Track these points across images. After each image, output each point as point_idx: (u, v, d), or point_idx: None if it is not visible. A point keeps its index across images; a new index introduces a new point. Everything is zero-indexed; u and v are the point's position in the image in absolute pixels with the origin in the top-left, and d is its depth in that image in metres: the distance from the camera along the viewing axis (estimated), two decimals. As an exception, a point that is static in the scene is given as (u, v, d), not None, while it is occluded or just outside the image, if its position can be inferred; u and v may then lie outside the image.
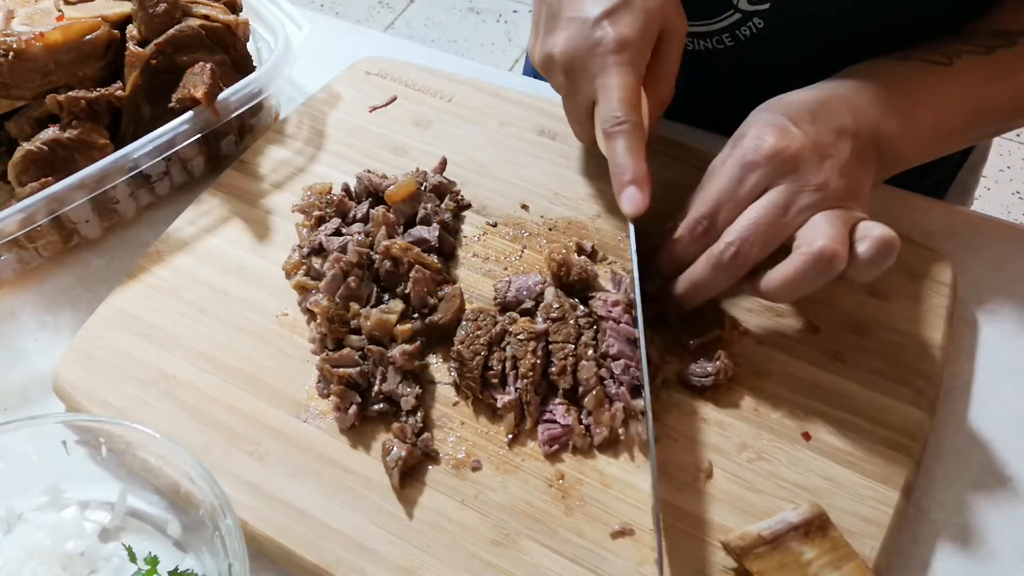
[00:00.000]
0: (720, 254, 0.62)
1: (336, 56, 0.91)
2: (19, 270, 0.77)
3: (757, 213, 0.62)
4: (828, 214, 0.61)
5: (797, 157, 0.62)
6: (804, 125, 0.64)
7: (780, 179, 0.62)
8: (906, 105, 0.68)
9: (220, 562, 0.55)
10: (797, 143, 0.63)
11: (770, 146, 0.63)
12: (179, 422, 0.64)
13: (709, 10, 0.81)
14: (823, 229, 0.59)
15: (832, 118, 0.65)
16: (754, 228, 0.61)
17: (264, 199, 0.79)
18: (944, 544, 0.60)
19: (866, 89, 0.68)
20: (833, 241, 0.58)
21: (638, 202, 0.64)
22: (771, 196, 0.62)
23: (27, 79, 0.76)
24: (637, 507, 0.60)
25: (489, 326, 0.66)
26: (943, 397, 0.66)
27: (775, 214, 0.61)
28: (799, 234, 0.61)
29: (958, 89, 0.70)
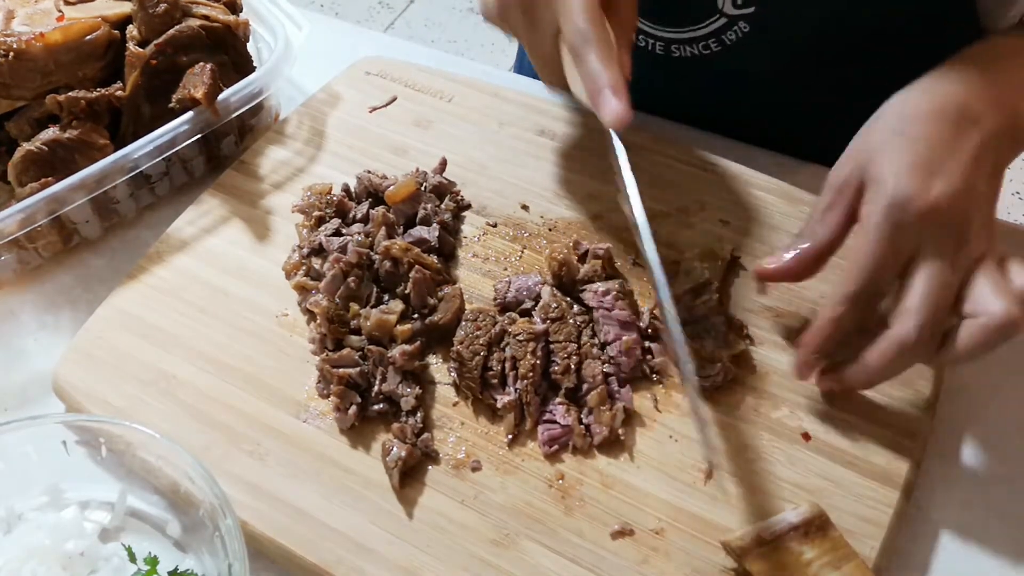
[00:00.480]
0: (904, 340, 0.57)
1: (336, 56, 0.91)
2: (19, 270, 0.77)
3: (930, 285, 0.56)
4: (987, 270, 0.57)
5: (950, 213, 0.57)
6: (947, 161, 0.58)
7: (935, 237, 0.57)
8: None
9: (220, 562, 0.55)
10: (947, 197, 0.57)
11: (920, 204, 0.56)
12: (179, 422, 0.64)
13: (694, 16, 0.81)
14: (996, 293, 0.56)
15: (972, 131, 0.59)
16: (934, 304, 0.56)
17: (264, 199, 0.79)
18: (944, 544, 0.60)
19: (1001, 75, 0.62)
20: (1013, 304, 0.55)
21: (617, 110, 0.59)
22: (933, 261, 0.57)
23: (27, 79, 0.76)
24: (637, 507, 0.60)
25: (488, 326, 0.66)
26: (943, 397, 0.66)
27: (945, 280, 0.57)
28: (970, 297, 0.57)
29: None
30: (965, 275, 0.57)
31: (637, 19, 0.68)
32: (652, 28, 0.84)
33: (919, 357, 0.58)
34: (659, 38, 0.84)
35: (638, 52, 0.86)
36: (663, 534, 0.58)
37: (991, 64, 0.63)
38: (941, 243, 0.57)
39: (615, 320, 0.66)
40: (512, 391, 0.64)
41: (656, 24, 0.84)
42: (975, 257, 0.57)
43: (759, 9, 0.78)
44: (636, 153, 0.80)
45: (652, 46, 0.86)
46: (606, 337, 0.66)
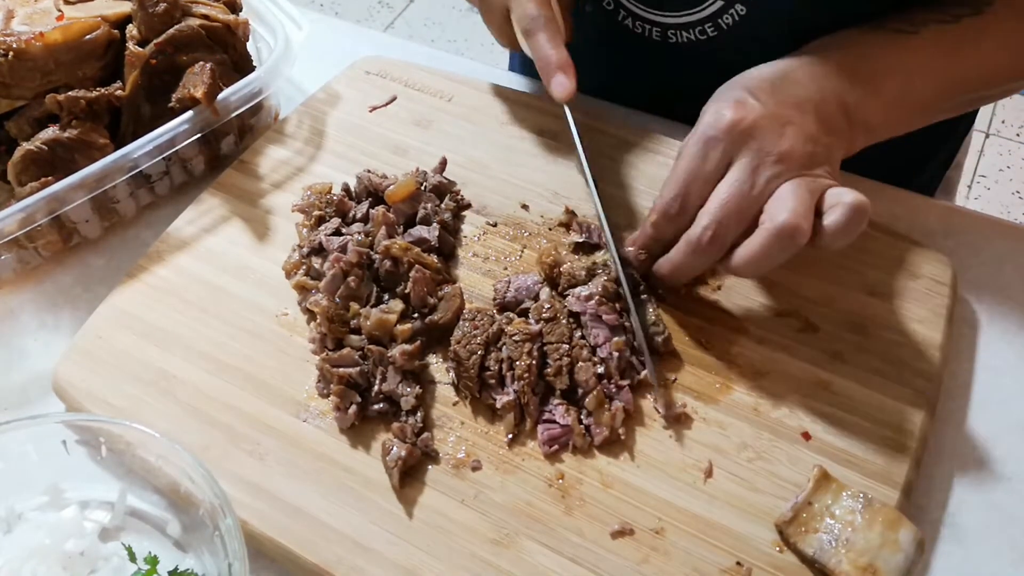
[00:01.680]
0: (698, 238, 0.62)
1: (336, 56, 0.91)
2: (19, 270, 0.77)
3: (726, 192, 0.62)
4: (793, 184, 0.61)
5: (755, 127, 0.63)
6: (763, 96, 0.65)
7: (742, 151, 0.63)
8: (871, 73, 0.69)
9: (220, 562, 0.55)
10: (754, 114, 0.63)
11: (728, 119, 0.63)
12: (179, 422, 0.64)
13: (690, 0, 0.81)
14: (786, 202, 0.60)
15: (793, 88, 0.66)
16: (726, 208, 0.62)
17: (264, 199, 0.79)
18: (944, 544, 0.60)
19: (830, 59, 0.68)
20: (795, 215, 0.59)
21: (567, 85, 0.71)
22: (735, 171, 0.63)
23: (27, 79, 0.76)
24: (637, 507, 0.60)
25: (486, 326, 0.66)
26: (943, 397, 0.66)
27: (743, 189, 0.62)
28: (765, 207, 0.61)
29: (924, 58, 0.71)
30: (771, 190, 0.61)
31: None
32: (649, 13, 0.84)
33: (708, 257, 0.63)
34: (656, 23, 0.84)
35: (634, 40, 0.87)
36: (663, 534, 0.58)
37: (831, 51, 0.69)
38: (746, 157, 0.62)
39: (604, 324, 0.66)
40: (510, 391, 0.64)
41: (652, 9, 0.84)
42: (785, 177, 0.61)
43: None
44: (636, 154, 0.80)
45: (649, 32, 0.85)
46: (595, 340, 0.66)
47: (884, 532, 0.56)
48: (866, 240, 0.72)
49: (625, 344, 0.65)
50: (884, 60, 0.70)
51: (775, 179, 0.62)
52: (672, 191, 0.65)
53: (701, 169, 0.64)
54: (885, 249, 0.72)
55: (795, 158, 0.62)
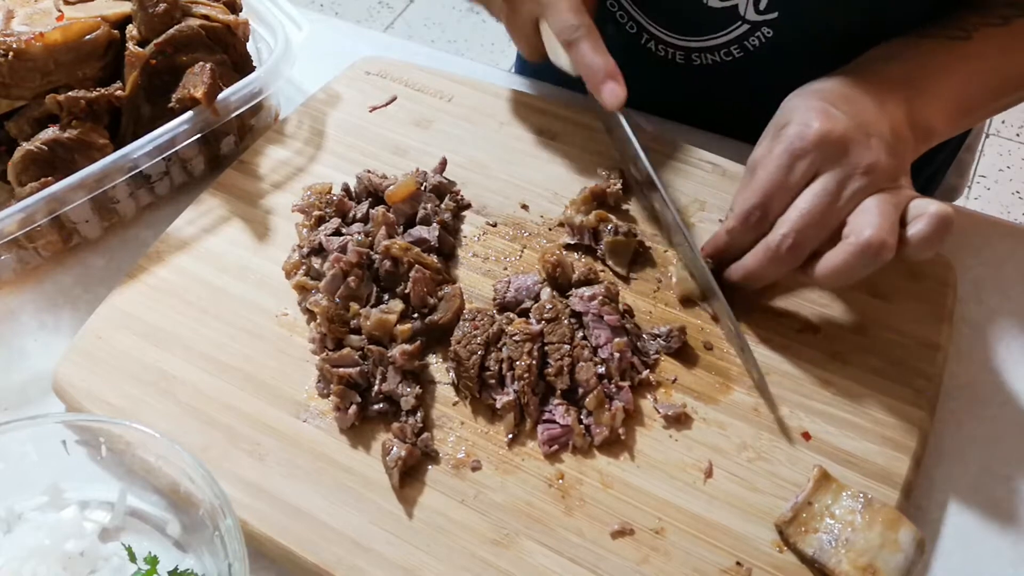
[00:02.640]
0: (777, 246, 0.62)
1: (336, 56, 0.91)
2: (19, 270, 0.77)
3: (810, 202, 0.61)
4: (878, 198, 0.61)
5: (845, 139, 0.62)
6: (844, 106, 0.64)
7: (830, 163, 0.62)
8: (930, 81, 0.68)
9: (220, 562, 0.55)
10: (842, 125, 0.62)
11: (816, 131, 0.62)
12: (179, 422, 0.64)
13: (716, 24, 0.81)
14: (872, 217, 0.59)
15: (868, 96, 0.65)
16: (808, 218, 0.61)
17: (264, 199, 0.79)
18: (944, 544, 0.60)
19: (890, 68, 0.68)
20: (880, 230, 0.58)
21: (619, 93, 0.69)
22: (823, 183, 0.62)
23: (27, 79, 0.76)
24: (637, 507, 0.60)
25: (486, 326, 0.66)
26: (943, 397, 0.66)
27: (828, 201, 0.61)
28: (849, 220, 0.61)
29: (979, 61, 0.71)
30: (856, 203, 0.61)
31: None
32: (671, 37, 0.84)
33: (785, 264, 0.62)
34: (679, 47, 0.84)
35: (657, 62, 0.86)
36: (663, 534, 0.58)
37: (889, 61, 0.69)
38: (831, 168, 0.62)
39: (606, 324, 0.66)
40: (510, 391, 0.64)
41: (675, 33, 0.83)
42: (871, 190, 0.61)
43: (783, 14, 0.77)
44: (656, 160, 0.80)
45: (672, 55, 0.85)
46: (597, 341, 0.66)
47: (884, 532, 0.56)
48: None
49: (627, 345, 0.65)
50: (942, 67, 0.70)
51: (861, 192, 0.61)
52: (754, 199, 0.64)
53: (786, 180, 0.63)
54: (885, 249, 0.72)
55: (880, 170, 0.62)
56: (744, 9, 0.78)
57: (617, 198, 0.76)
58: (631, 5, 0.84)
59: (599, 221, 0.73)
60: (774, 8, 0.78)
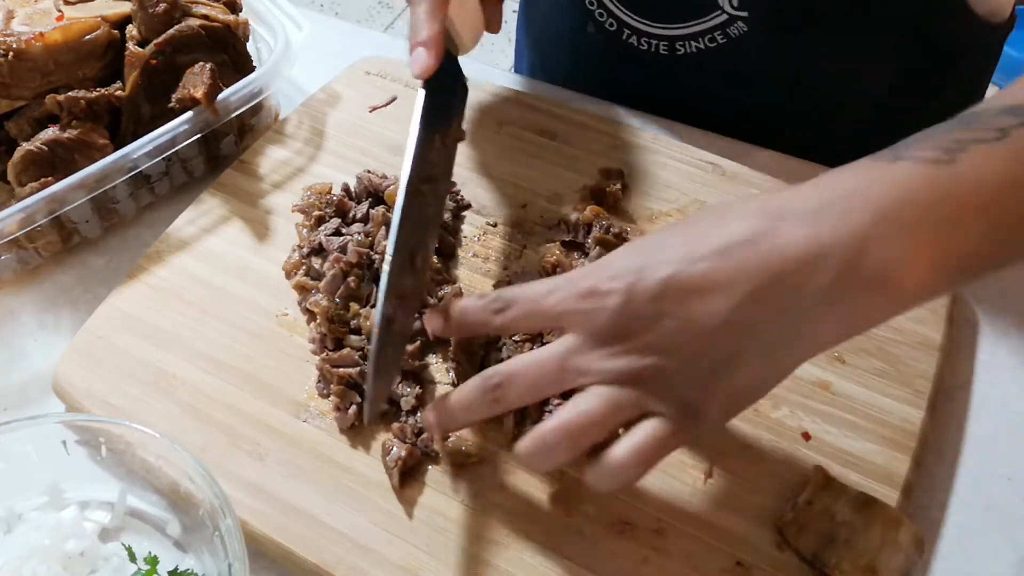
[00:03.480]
0: (485, 381, 0.54)
1: (336, 56, 0.91)
2: (19, 270, 0.77)
3: (536, 354, 0.53)
4: (599, 393, 0.50)
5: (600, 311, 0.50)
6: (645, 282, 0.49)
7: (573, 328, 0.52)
8: (909, 230, 0.47)
9: (220, 562, 0.55)
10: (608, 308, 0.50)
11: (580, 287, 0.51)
12: (179, 422, 0.64)
13: (695, 10, 0.81)
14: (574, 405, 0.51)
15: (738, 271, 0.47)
16: (523, 367, 0.53)
17: (264, 199, 0.79)
18: (944, 544, 0.60)
19: (850, 212, 0.47)
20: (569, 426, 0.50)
21: (422, 61, 0.63)
22: (558, 343, 0.52)
23: (27, 79, 0.76)
24: (637, 507, 0.60)
25: None
26: (943, 397, 0.66)
27: (549, 363, 0.52)
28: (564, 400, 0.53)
29: (969, 193, 0.48)
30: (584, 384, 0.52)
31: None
32: (653, 27, 0.84)
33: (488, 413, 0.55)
34: (662, 37, 0.84)
35: (642, 57, 0.86)
36: (663, 534, 0.58)
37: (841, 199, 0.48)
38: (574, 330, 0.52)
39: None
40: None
41: (657, 23, 0.83)
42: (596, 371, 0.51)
43: (752, 14, 0.78)
44: (636, 153, 0.80)
45: (655, 47, 0.85)
46: None
47: (884, 532, 0.56)
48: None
49: None
50: (913, 205, 0.47)
51: (585, 375, 0.51)
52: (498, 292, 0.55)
53: (537, 306, 0.53)
54: (885, 249, 0.72)
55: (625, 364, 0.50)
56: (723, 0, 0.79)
57: (616, 198, 0.76)
58: (610, 0, 0.84)
59: (594, 217, 0.73)
60: (744, 7, 0.78)
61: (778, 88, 0.82)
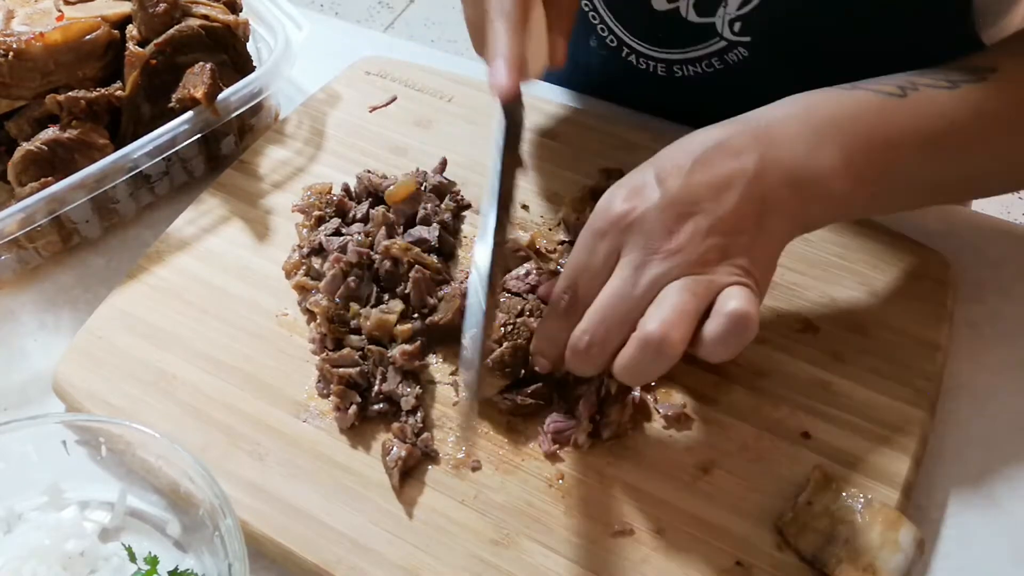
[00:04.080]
0: (575, 345, 0.56)
1: (336, 56, 0.91)
2: (19, 270, 0.77)
3: (607, 295, 0.55)
4: (677, 287, 0.54)
5: (642, 220, 0.55)
6: (673, 179, 0.56)
7: (627, 246, 0.56)
8: (846, 139, 0.58)
9: (220, 562, 0.55)
10: (646, 205, 0.55)
11: (615, 211, 0.56)
12: (179, 422, 0.64)
13: (694, 38, 0.80)
14: (660, 309, 0.53)
15: (724, 161, 0.56)
16: (604, 312, 0.55)
17: (264, 199, 0.79)
18: (944, 544, 0.60)
19: (798, 121, 0.59)
20: (663, 324, 0.52)
21: (502, 79, 0.59)
22: (619, 270, 0.56)
23: (27, 79, 0.76)
24: (637, 507, 0.60)
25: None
26: (943, 397, 0.66)
27: (624, 291, 0.55)
28: (646, 311, 0.54)
29: (912, 122, 0.60)
30: (655, 290, 0.54)
31: (577, 5, 0.69)
32: (651, 50, 0.84)
33: (594, 362, 0.56)
34: (660, 60, 0.84)
35: (640, 75, 0.86)
36: (663, 534, 0.58)
37: (802, 112, 0.60)
38: (631, 253, 0.55)
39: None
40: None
41: (655, 47, 0.83)
42: (672, 275, 0.54)
43: (755, 39, 0.77)
44: (635, 152, 0.80)
45: (654, 68, 0.85)
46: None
47: (884, 532, 0.56)
48: (866, 240, 0.72)
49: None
50: (863, 124, 0.59)
51: (661, 278, 0.54)
52: (561, 284, 0.59)
53: (589, 262, 0.57)
54: (885, 249, 0.72)
55: (688, 254, 0.54)
56: (721, 27, 0.78)
57: None
58: (611, 19, 0.84)
59: None
60: (747, 33, 0.77)
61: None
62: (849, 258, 0.71)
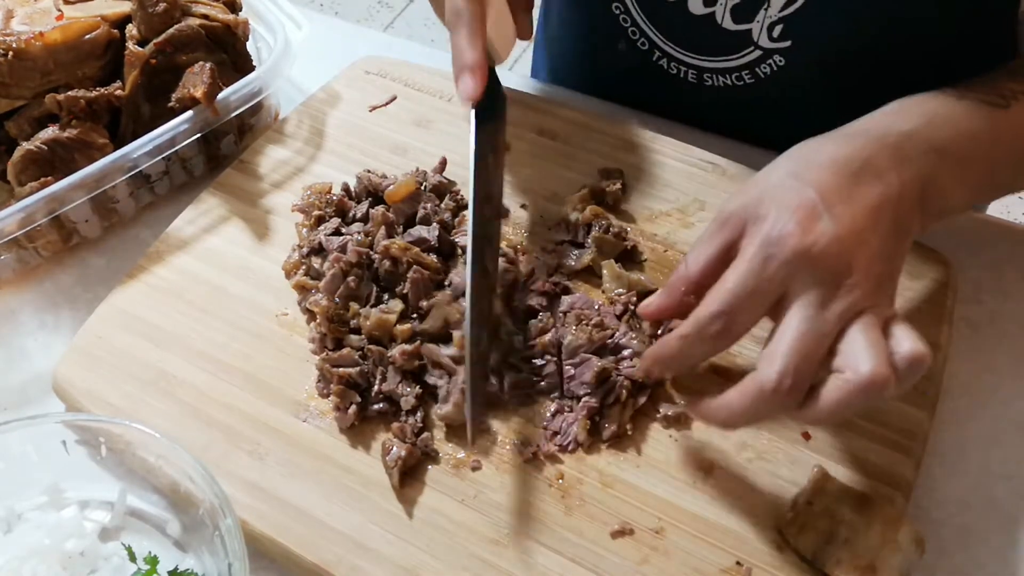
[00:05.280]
0: (777, 387, 0.52)
1: (336, 56, 0.91)
2: (19, 270, 0.77)
3: (799, 333, 0.53)
4: (865, 324, 0.52)
5: (826, 256, 0.53)
6: (838, 206, 0.54)
7: (808, 280, 0.53)
8: (964, 152, 0.60)
9: (220, 562, 0.55)
10: (826, 238, 0.53)
11: (795, 242, 0.53)
12: (179, 422, 0.64)
13: (728, 47, 0.80)
14: (866, 350, 0.52)
15: (872, 184, 0.56)
16: (802, 354, 0.52)
17: (264, 199, 0.79)
18: (944, 544, 0.60)
19: (920, 132, 0.59)
20: (880, 365, 0.51)
21: (470, 88, 0.63)
22: (803, 307, 0.53)
23: (27, 79, 0.76)
24: (637, 507, 0.60)
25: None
26: (943, 397, 0.66)
27: (816, 328, 0.53)
28: (841, 350, 0.53)
29: (1013, 134, 0.63)
30: (842, 327, 0.53)
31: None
32: (685, 55, 0.84)
33: (782, 406, 0.53)
34: (692, 66, 0.84)
35: (670, 80, 0.86)
36: (663, 534, 0.58)
37: (921, 123, 0.60)
38: (815, 288, 0.53)
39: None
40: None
41: (689, 52, 0.83)
42: (855, 310, 0.53)
43: (795, 42, 0.77)
44: (635, 152, 0.80)
45: (684, 74, 0.85)
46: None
47: (884, 532, 0.56)
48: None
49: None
50: (977, 137, 0.61)
51: (844, 315, 0.53)
52: (717, 306, 0.55)
53: (758, 288, 0.54)
54: (885, 249, 0.72)
55: (866, 287, 0.53)
56: (757, 35, 0.78)
57: (616, 198, 0.76)
58: (645, 23, 0.84)
59: (593, 217, 0.73)
60: (787, 36, 0.77)
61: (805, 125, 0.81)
62: (849, 258, 0.71)
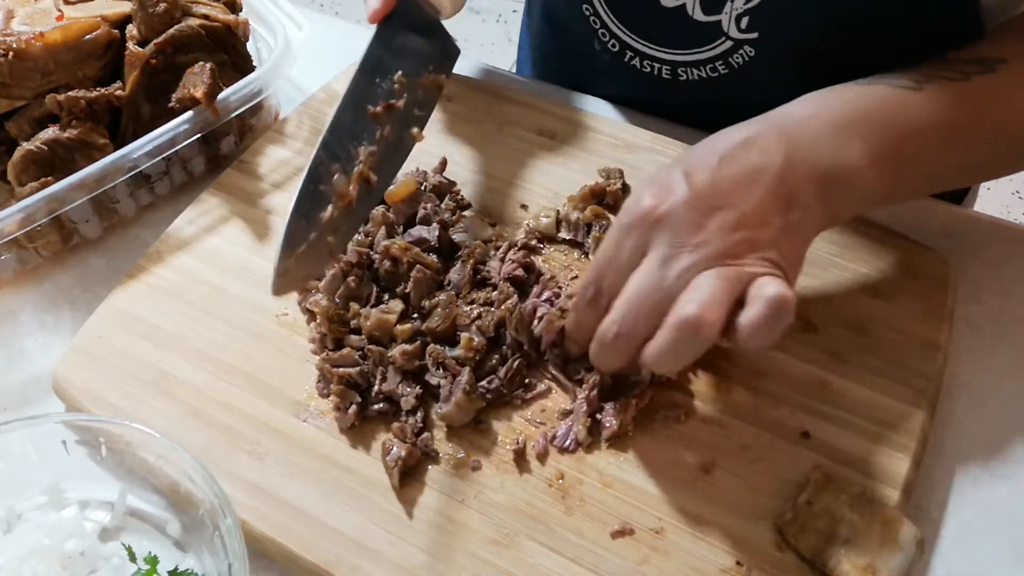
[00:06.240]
0: (604, 335, 0.58)
1: (336, 56, 0.91)
2: (19, 270, 0.77)
3: (634, 285, 0.57)
4: (710, 275, 0.55)
5: (669, 215, 0.57)
6: (699, 175, 0.58)
7: (655, 241, 0.57)
8: (868, 132, 0.61)
9: (220, 562, 0.55)
10: (672, 200, 0.57)
11: (642, 207, 0.58)
12: (179, 422, 0.64)
13: (699, 39, 0.80)
14: (693, 294, 0.54)
15: (748, 159, 0.58)
16: (633, 303, 0.56)
17: (264, 199, 0.79)
18: (944, 544, 0.60)
19: (820, 119, 0.61)
20: (700, 307, 0.53)
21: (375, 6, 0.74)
22: (647, 263, 0.57)
23: (27, 79, 0.76)
24: (637, 507, 0.60)
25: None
26: (943, 397, 0.66)
27: (652, 283, 0.56)
28: (676, 299, 0.55)
29: (929, 113, 0.63)
30: (688, 280, 0.55)
31: None
32: (657, 51, 0.83)
33: (621, 353, 0.57)
34: (665, 61, 0.84)
35: (644, 78, 0.86)
36: (663, 534, 0.58)
37: (822, 109, 0.62)
38: (660, 248, 0.56)
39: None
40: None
41: (661, 47, 0.83)
42: (702, 266, 0.55)
43: (762, 35, 0.77)
44: (636, 153, 0.80)
45: (658, 71, 0.85)
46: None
47: (884, 532, 0.56)
48: (866, 240, 0.72)
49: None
50: (881, 118, 0.62)
51: (690, 270, 0.55)
52: (588, 276, 0.60)
53: (615, 257, 0.59)
54: (885, 249, 0.72)
55: (715, 247, 0.56)
56: (727, 26, 0.78)
57: (616, 197, 0.76)
58: (615, 23, 0.83)
59: (594, 217, 0.73)
60: (754, 28, 0.77)
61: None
62: (848, 257, 0.71)
